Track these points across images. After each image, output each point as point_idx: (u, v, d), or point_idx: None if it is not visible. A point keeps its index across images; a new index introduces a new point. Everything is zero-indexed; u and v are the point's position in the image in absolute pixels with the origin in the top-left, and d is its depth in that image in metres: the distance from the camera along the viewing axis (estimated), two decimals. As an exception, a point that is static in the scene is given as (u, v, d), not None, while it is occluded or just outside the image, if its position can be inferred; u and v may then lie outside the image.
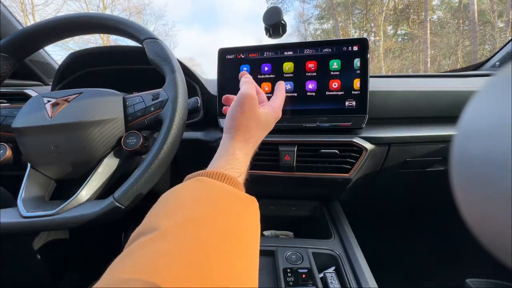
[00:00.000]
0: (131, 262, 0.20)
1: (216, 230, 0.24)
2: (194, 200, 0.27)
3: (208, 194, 0.28)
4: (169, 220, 0.24)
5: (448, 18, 12.20)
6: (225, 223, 0.25)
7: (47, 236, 0.80)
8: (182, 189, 0.29)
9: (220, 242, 0.23)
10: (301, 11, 17.99)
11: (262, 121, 0.38)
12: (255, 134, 0.37)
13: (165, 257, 0.20)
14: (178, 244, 0.21)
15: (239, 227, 0.26)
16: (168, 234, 0.22)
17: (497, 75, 0.16)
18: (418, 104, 0.61)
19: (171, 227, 0.23)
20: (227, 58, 0.61)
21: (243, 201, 0.29)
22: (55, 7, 12.59)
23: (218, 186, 0.29)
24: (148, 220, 0.25)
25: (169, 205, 0.27)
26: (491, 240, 0.15)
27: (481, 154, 0.14)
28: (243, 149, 0.35)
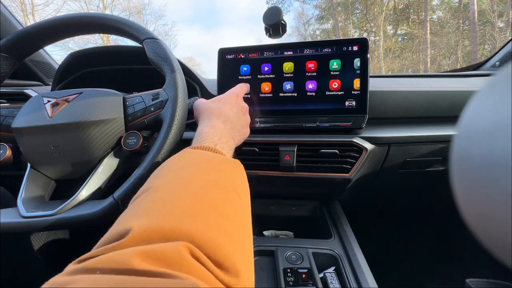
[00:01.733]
0: (127, 212, 0.24)
1: (203, 182, 0.27)
2: (181, 164, 0.30)
3: (193, 159, 0.32)
4: (161, 180, 0.27)
5: (448, 18, 12.20)
6: (211, 176, 0.28)
7: (47, 236, 0.80)
8: (170, 160, 0.32)
9: (208, 189, 0.26)
10: (301, 11, 18.01)
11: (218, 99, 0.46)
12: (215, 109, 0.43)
13: (160, 201, 0.23)
14: (170, 192, 0.25)
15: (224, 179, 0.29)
16: (161, 188, 0.25)
17: (497, 75, 0.16)
18: (418, 104, 0.61)
19: (163, 183, 0.26)
20: (227, 58, 0.61)
21: (225, 161, 0.33)
22: (55, 7, 12.61)
23: (201, 152, 0.33)
24: (143, 186, 0.28)
25: (160, 171, 0.30)
26: (491, 240, 0.15)
27: (481, 154, 0.14)
28: (207, 125, 0.40)
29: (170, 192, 0.25)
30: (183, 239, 0.19)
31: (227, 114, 0.43)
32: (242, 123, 0.46)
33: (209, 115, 0.42)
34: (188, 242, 0.19)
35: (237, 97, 0.47)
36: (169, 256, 0.18)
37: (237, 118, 0.44)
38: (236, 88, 0.50)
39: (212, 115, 0.42)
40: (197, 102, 0.47)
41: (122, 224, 0.21)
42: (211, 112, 0.42)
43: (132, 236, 0.19)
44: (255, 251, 0.55)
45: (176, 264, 0.17)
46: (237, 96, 0.47)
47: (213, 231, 0.21)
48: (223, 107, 0.43)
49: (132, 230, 0.19)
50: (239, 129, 0.45)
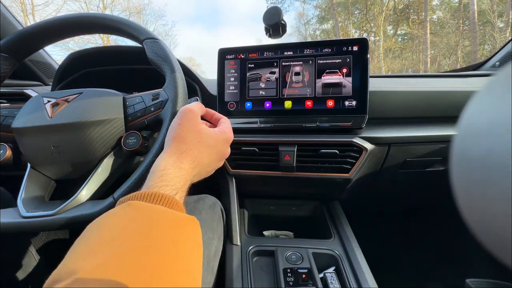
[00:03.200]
0: None
1: (149, 265, 0.21)
2: (121, 231, 0.23)
3: (138, 221, 0.24)
4: (90, 260, 0.20)
5: (448, 18, 12.20)
6: (159, 253, 0.22)
7: (47, 236, 0.80)
8: (108, 218, 0.25)
9: (154, 278, 0.20)
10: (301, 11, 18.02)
11: (204, 136, 0.36)
12: (193, 147, 0.35)
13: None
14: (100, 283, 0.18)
15: (176, 255, 0.23)
16: (87, 280, 0.19)
17: (497, 75, 0.16)
18: (418, 104, 0.61)
19: (91, 270, 0.19)
20: (227, 58, 0.61)
21: (180, 223, 0.26)
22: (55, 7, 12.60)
23: (151, 209, 0.26)
24: (65, 261, 0.22)
25: (92, 240, 0.23)
26: (491, 240, 0.15)
27: (481, 154, 0.14)
28: (176, 162, 0.33)
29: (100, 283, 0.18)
30: None
31: (201, 160, 0.36)
32: (209, 169, 0.39)
33: (183, 151, 0.34)
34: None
35: (225, 143, 0.40)
36: None
37: (208, 164, 0.38)
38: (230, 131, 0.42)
39: (185, 154, 0.34)
40: (184, 113, 0.37)
41: None
42: (187, 148, 0.34)
43: None
44: (255, 251, 0.55)
45: None
46: (225, 142, 0.40)
47: None
48: (203, 150, 0.36)
49: None
50: (202, 174, 0.38)
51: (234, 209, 0.62)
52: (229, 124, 0.43)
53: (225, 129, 0.41)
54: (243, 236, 0.59)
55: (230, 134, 0.41)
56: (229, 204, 0.62)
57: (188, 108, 0.37)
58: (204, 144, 0.36)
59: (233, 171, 0.62)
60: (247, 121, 0.60)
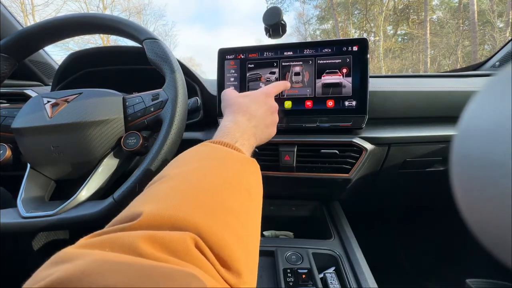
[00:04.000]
0: (141, 196, 0.24)
1: (218, 175, 0.27)
2: (198, 157, 0.30)
3: (210, 153, 0.31)
4: (177, 169, 0.28)
5: (448, 18, 12.20)
6: (227, 171, 0.28)
7: (47, 236, 0.80)
8: (188, 151, 0.32)
9: (222, 184, 0.26)
10: (301, 11, 18.02)
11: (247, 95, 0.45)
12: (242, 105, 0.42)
13: (173, 190, 0.24)
14: (184, 182, 0.25)
15: (241, 176, 0.29)
16: (175, 177, 0.26)
17: (497, 75, 0.16)
18: (418, 104, 0.61)
19: (178, 173, 0.27)
20: (227, 58, 0.61)
21: (241, 159, 0.32)
22: (55, 7, 12.60)
23: (220, 148, 0.33)
24: (159, 174, 0.28)
25: (177, 161, 0.30)
26: (491, 240, 0.15)
27: (481, 154, 0.14)
28: (231, 120, 0.40)
29: (184, 183, 0.25)
30: (191, 231, 0.20)
31: (253, 112, 0.42)
32: (268, 122, 0.44)
33: (235, 110, 0.41)
34: (195, 234, 0.19)
35: (267, 96, 0.46)
36: (175, 245, 0.18)
37: (264, 117, 0.43)
38: (269, 87, 0.48)
39: (238, 111, 0.41)
40: (225, 93, 0.46)
41: (135, 207, 0.22)
42: (238, 107, 0.42)
43: (142, 220, 0.20)
44: (255, 251, 0.55)
45: (181, 254, 0.18)
46: (266, 95, 0.46)
47: (221, 228, 0.21)
48: (250, 104, 0.43)
49: (143, 214, 0.20)
50: (263, 128, 0.43)
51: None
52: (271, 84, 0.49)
53: (264, 88, 0.48)
54: (243, 236, 0.59)
55: (268, 89, 0.47)
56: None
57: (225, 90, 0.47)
58: (249, 99, 0.44)
59: (233, 171, 0.62)
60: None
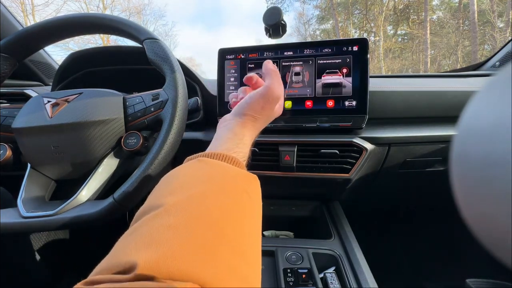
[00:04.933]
0: (135, 237, 0.21)
1: (219, 206, 0.24)
2: (196, 178, 0.27)
3: (209, 172, 0.28)
4: (173, 197, 0.24)
5: (448, 18, 12.20)
6: (227, 198, 0.25)
7: (47, 236, 0.80)
8: (184, 169, 0.29)
9: (223, 216, 0.24)
10: (301, 11, 18.01)
11: (271, 113, 0.40)
12: (261, 121, 0.39)
13: (170, 230, 0.21)
14: (182, 219, 0.22)
15: (241, 202, 0.26)
16: (172, 210, 0.23)
17: (497, 75, 0.16)
18: (418, 104, 0.61)
19: (175, 204, 0.23)
20: (227, 58, 0.61)
21: (244, 178, 0.30)
22: (55, 7, 12.60)
23: (220, 164, 0.30)
24: (151, 199, 0.26)
25: (172, 184, 0.27)
26: (491, 240, 0.15)
27: (481, 154, 0.14)
28: (252, 135, 0.37)
29: (182, 217, 0.22)
30: (193, 281, 0.18)
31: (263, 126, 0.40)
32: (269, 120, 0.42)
33: (258, 118, 0.38)
34: (198, 284, 0.18)
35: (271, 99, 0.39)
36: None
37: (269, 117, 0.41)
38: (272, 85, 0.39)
39: (261, 120, 0.38)
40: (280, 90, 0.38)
41: (127, 253, 0.20)
42: (264, 120, 0.39)
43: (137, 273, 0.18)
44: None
45: None
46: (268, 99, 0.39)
47: (226, 275, 0.20)
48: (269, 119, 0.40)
49: (138, 266, 0.18)
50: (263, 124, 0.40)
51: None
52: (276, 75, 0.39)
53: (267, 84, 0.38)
54: (243, 236, 0.59)
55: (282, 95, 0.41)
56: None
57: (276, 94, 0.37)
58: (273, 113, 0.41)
59: (233, 171, 0.62)
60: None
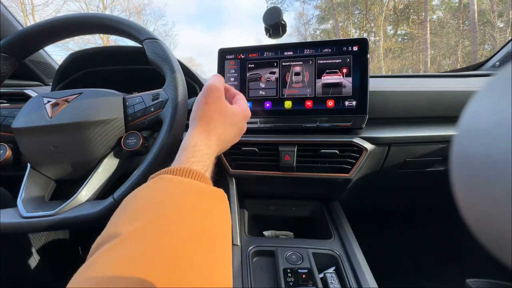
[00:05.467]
0: (92, 273, 0.19)
1: (182, 230, 0.23)
2: (156, 200, 0.25)
3: (171, 192, 0.26)
4: (130, 225, 0.22)
5: (448, 18, 12.20)
6: (192, 221, 0.24)
7: (47, 236, 0.81)
8: (143, 190, 0.27)
9: (187, 241, 0.22)
10: (301, 11, 18.00)
11: (228, 115, 0.38)
12: (219, 126, 0.37)
13: (128, 263, 0.19)
14: (141, 249, 0.20)
15: (207, 223, 0.25)
16: (130, 240, 0.21)
17: (497, 75, 0.16)
18: (418, 104, 0.61)
19: (132, 232, 0.21)
20: (227, 58, 0.61)
21: (210, 195, 0.28)
22: (55, 7, 12.59)
23: (182, 182, 0.27)
24: (108, 228, 0.24)
25: (130, 209, 0.25)
26: (491, 240, 0.15)
27: (481, 154, 0.14)
28: (205, 140, 0.34)
29: (143, 248, 0.20)
30: None
31: (225, 137, 0.38)
32: (229, 145, 0.42)
33: (210, 130, 0.36)
34: None
35: (245, 120, 0.42)
36: None
37: (230, 141, 0.40)
38: (248, 109, 0.44)
39: (213, 131, 0.36)
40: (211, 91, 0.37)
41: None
42: (215, 127, 0.36)
43: None
44: (255, 251, 0.55)
45: None
46: (245, 119, 0.42)
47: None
48: (228, 128, 0.38)
49: None
50: (224, 149, 0.41)
51: (234, 209, 0.62)
52: (245, 101, 0.44)
53: (243, 107, 0.42)
54: (243, 236, 0.59)
55: (248, 111, 0.43)
56: (229, 204, 0.62)
57: (214, 86, 0.37)
58: (228, 122, 0.38)
59: (233, 171, 0.62)
60: (247, 121, 0.60)
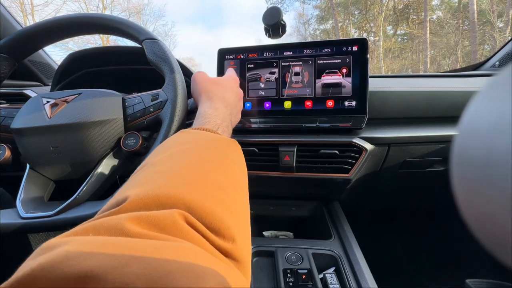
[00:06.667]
0: (126, 184, 0.24)
1: (201, 156, 0.27)
2: (179, 142, 0.30)
3: (190, 138, 0.32)
4: (158, 157, 0.28)
5: (448, 18, 12.21)
6: (209, 152, 0.29)
7: (46, 237, 0.80)
8: (168, 139, 0.33)
9: (205, 163, 0.26)
10: (301, 11, 18.01)
11: (220, 82, 0.46)
12: (217, 92, 0.43)
13: (157, 174, 0.24)
14: (167, 166, 0.25)
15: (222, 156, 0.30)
16: (158, 163, 0.26)
17: (497, 75, 0.16)
18: (418, 104, 0.61)
19: (160, 159, 0.27)
20: (226, 58, 0.61)
21: (224, 140, 0.33)
22: (54, 7, 12.60)
23: (198, 132, 0.33)
24: (141, 164, 0.28)
25: (158, 150, 0.30)
26: (491, 240, 0.15)
27: (481, 155, 0.14)
28: (210, 106, 0.40)
29: (167, 165, 0.25)
30: (179, 207, 0.20)
31: (228, 99, 0.44)
32: (238, 108, 0.48)
33: (212, 97, 0.42)
34: (184, 210, 0.20)
35: (235, 83, 0.50)
36: (162, 222, 0.18)
37: (235, 104, 0.46)
38: (234, 73, 0.53)
39: (215, 97, 0.42)
40: (197, 76, 0.45)
41: (119, 194, 0.21)
42: (215, 93, 0.43)
43: (128, 203, 0.19)
44: (255, 251, 0.55)
45: (170, 230, 0.18)
46: (235, 82, 0.50)
47: (209, 200, 0.22)
48: (225, 91, 0.45)
49: (129, 197, 0.20)
50: (236, 114, 0.47)
51: (234, 209, 0.62)
52: (233, 70, 0.54)
53: (229, 73, 0.52)
54: (243, 237, 0.59)
55: (235, 75, 0.52)
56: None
57: (197, 72, 0.46)
58: (223, 87, 0.45)
59: (233, 171, 0.61)
60: (247, 121, 0.60)
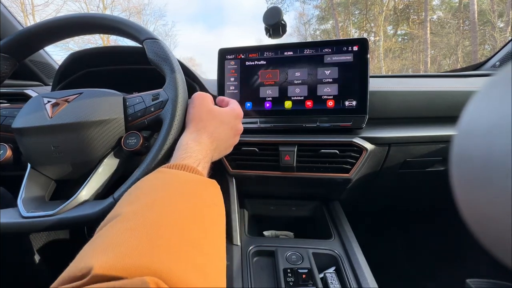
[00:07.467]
0: (93, 244, 0.22)
1: (176, 208, 0.25)
2: (153, 187, 0.28)
3: (166, 181, 0.30)
4: (130, 206, 0.26)
5: (448, 18, 12.20)
6: (185, 202, 0.27)
7: (47, 236, 0.80)
8: (142, 181, 0.31)
9: (181, 218, 0.25)
10: (301, 11, 18.00)
11: (217, 114, 0.42)
12: (209, 124, 0.40)
13: (127, 232, 0.22)
14: (138, 222, 0.23)
15: (199, 204, 0.28)
16: (130, 216, 0.24)
17: (497, 75, 0.16)
18: (418, 104, 0.61)
19: (132, 211, 0.25)
20: (227, 58, 0.61)
21: (202, 183, 0.31)
22: (55, 7, 12.60)
23: (175, 173, 0.31)
24: (111, 212, 0.27)
25: (130, 196, 0.29)
26: (491, 240, 0.15)
27: (481, 154, 0.14)
28: (195, 138, 0.38)
29: (139, 220, 0.23)
30: (151, 275, 0.19)
31: (218, 135, 0.41)
32: (228, 144, 0.45)
33: (200, 129, 0.40)
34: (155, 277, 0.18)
35: (236, 119, 0.45)
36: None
37: (226, 139, 0.43)
38: (237, 107, 0.47)
39: (203, 130, 0.40)
40: (196, 98, 0.43)
41: (83, 260, 0.20)
42: (204, 126, 0.40)
43: (91, 277, 0.18)
44: (255, 251, 0.55)
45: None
46: (236, 118, 0.45)
47: (182, 266, 0.21)
48: (218, 126, 0.41)
49: (93, 269, 0.18)
50: (222, 150, 0.43)
51: (234, 209, 0.62)
52: (237, 104, 0.48)
53: (234, 107, 0.46)
54: (243, 236, 0.59)
55: (239, 110, 0.47)
56: (229, 204, 0.62)
57: (199, 93, 0.43)
58: (218, 120, 0.42)
59: (233, 171, 0.62)
60: (247, 121, 0.60)
